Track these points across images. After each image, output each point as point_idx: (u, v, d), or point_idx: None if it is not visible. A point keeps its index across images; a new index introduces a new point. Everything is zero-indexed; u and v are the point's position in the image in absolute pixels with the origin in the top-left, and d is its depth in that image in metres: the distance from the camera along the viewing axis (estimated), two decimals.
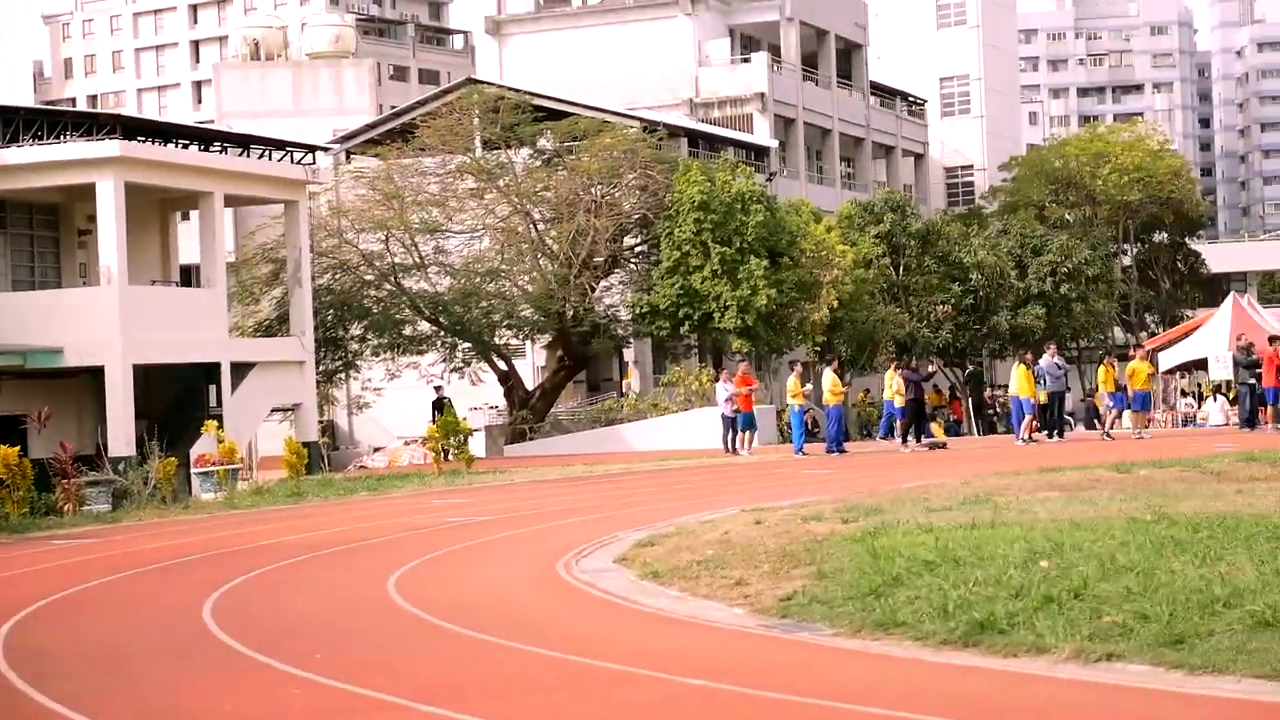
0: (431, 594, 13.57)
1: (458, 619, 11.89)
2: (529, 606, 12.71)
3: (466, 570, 15.42)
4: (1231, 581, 9.99)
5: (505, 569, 15.20)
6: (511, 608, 12.61)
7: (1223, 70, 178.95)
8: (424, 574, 15.22)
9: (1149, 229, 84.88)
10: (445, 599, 13.13)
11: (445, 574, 15.24)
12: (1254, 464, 21.11)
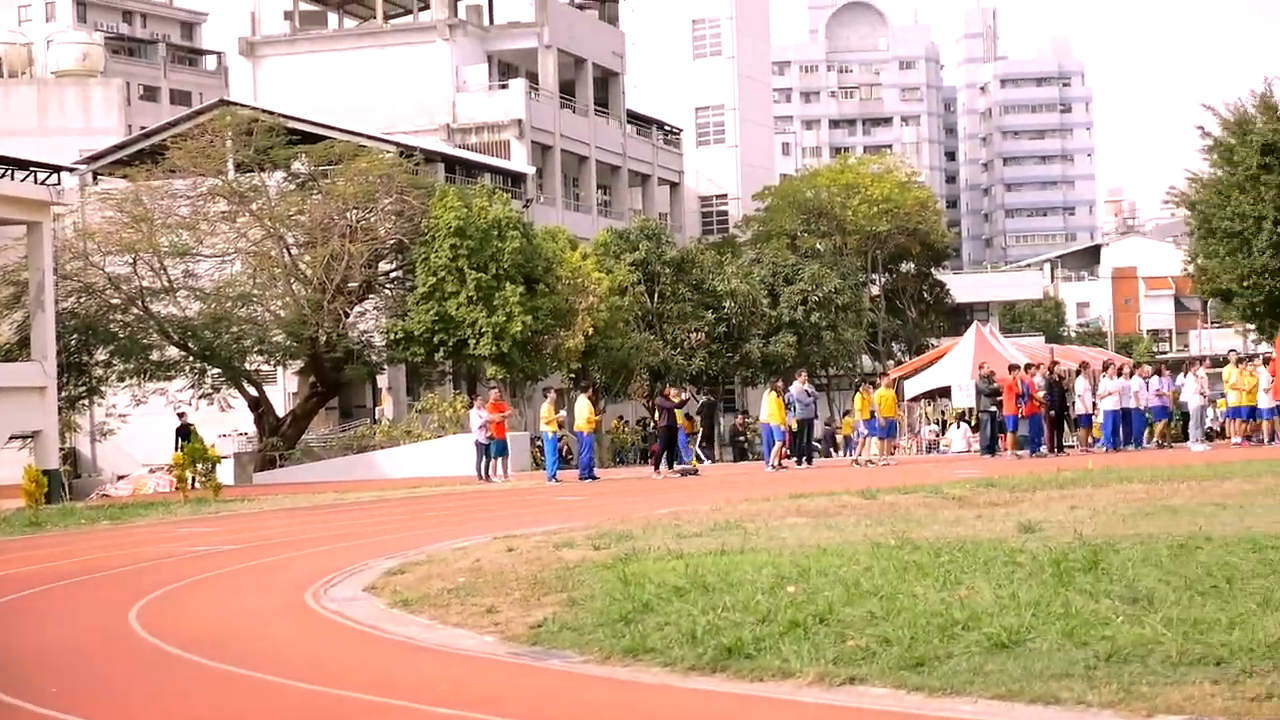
0: (175, 625, 13.26)
1: (202, 650, 11.64)
2: (275, 637, 12.49)
3: (212, 600, 15.11)
4: (970, 605, 10.22)
5: (252, 599, 14.92)
6: (258, 638, 12.37)
7: (968, 105, 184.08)
8: (167, 604, 14.87)
9: (897, 259, 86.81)
10: (189, 630, 12.84)
11: (189, 604, 14.90)
12: (993, 490, 21.68)
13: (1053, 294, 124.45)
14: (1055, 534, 14.30)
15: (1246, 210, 46.91)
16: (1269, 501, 17.28)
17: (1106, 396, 39.72)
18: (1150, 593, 10.29)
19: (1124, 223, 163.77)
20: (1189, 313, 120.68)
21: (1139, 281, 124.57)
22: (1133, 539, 13.45)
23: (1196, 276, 53.55)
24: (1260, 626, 8.85)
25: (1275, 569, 11.11)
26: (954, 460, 40.95)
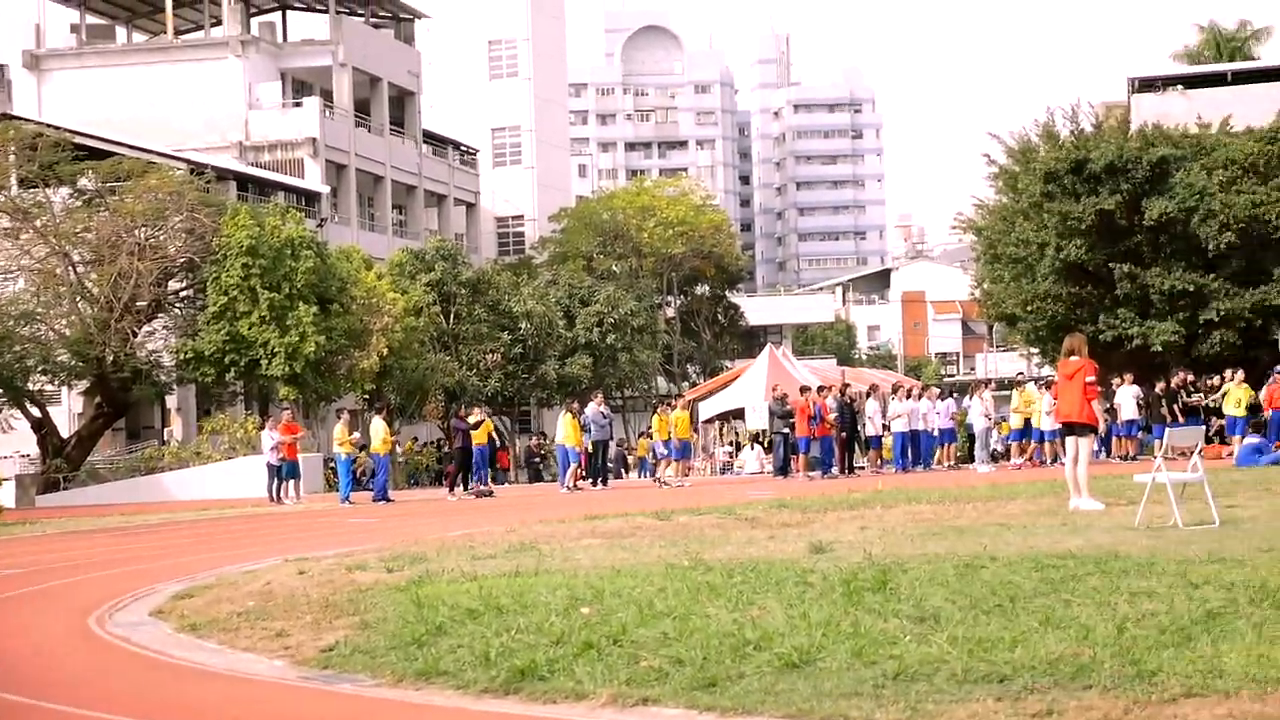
0: None
1: None
2: (59, 663, 12.17)
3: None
4: (762, 625, 10.31)
5: (34, 625, 14.52)
6: (40, 665, 12.05)
7: (762, 130, 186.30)
8: None
9: (692, 281, 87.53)
10: None
11: None
12: (785, 510, 21.91)
13: (844, 317, 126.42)
14: (846, 554, 14.48)
15: (1030, 237, 48.07)
16: (1050, 522, 17.69)
17: (896, 418, 40.47)
18: (937, 612, 10.47)
19: (913, 247, 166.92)
20: (976, 336, 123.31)
21: (928, 305, 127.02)
22: (921, 559, 13.67)
23: (983, 301, 54.72)
24: (1041, 644, 9.04)
25: (1056, 588, 11.37)
26: (747, 481, 41.34)
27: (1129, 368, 42.47)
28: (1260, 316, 45.02)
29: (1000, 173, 51.97)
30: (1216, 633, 9.13)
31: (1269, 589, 10.61)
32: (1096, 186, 46.47)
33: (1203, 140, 50.00)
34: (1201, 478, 16.88)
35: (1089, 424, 19.87)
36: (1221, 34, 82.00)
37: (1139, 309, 46.69)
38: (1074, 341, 20.25)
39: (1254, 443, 31.74)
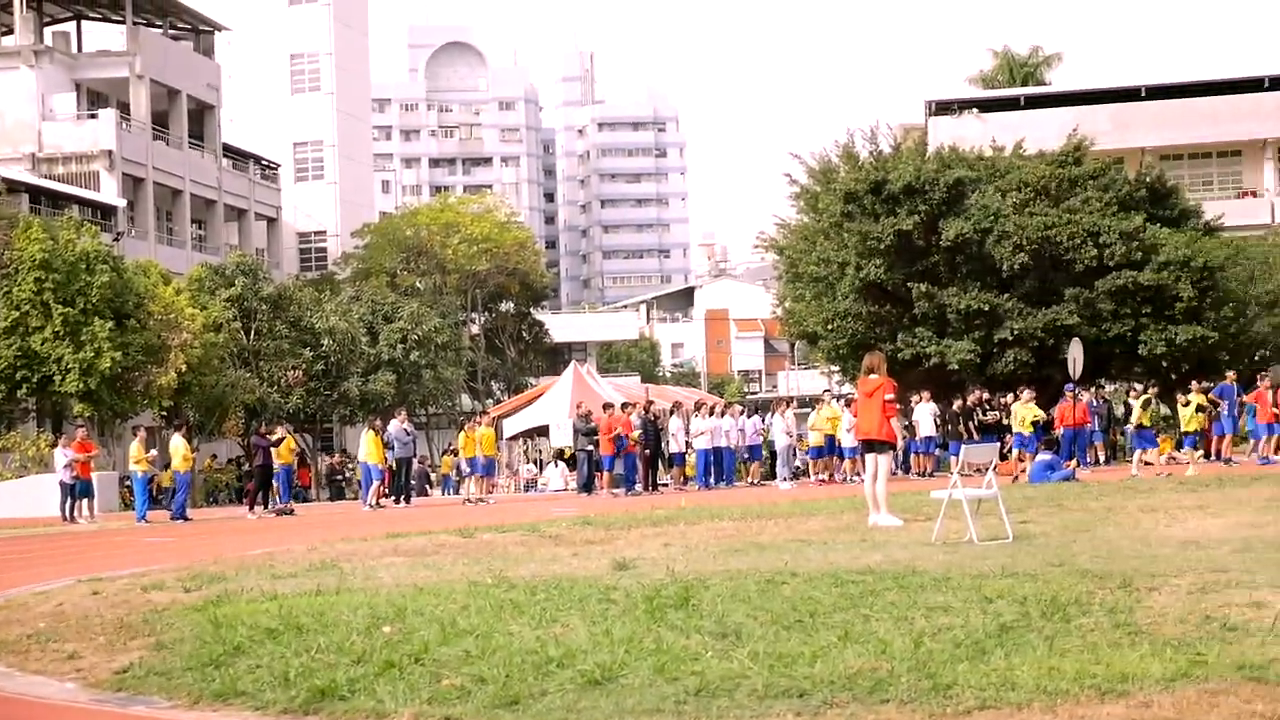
0: None
1: None
2: None
3: None
4: (565, 642, 10.30)
5: None
6: None
7: (566, 147, 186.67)
8: None
9: (496, 298, 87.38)
10: None
11: None
12: (589, 528, 21.93)
13: (648, 334, 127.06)
14: (649, 571, 14.53)
15: (831, 256, 48.70)
16: (850, 538, 17.93)
17: (699, 435, 40.77)
18: (739, 628, 10.54)
19: (717, 266, 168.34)
20: (778, 354, 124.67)
21: (731, 323, 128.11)
22: (723, 575, 13.76)
23: (784, 319, 55.31)
24: (841, 659, 9.15)
25: (856, 603, 11.51)
26: (551, 498, 41.35)
27: (927, 385, 43.26)
28: (1052, 336, 46.07)
29: (802, 192, 52.61)
30: (1009, 646, 9.32)
31: (1060, 603, 10.86)
32: (895, 207, 47.25)
33: (997, 163, 51.11)
34: (996, 494, 17.23)
35: (888, 441, 20.18)
36: (1015, 59, 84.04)
37: (936, 328, 47.54)
38: (873, 360, 20.56)
39: (1046, 459, 32.48)
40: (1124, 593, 11.31)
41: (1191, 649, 8.88)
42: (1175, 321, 46.44)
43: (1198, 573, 12.28)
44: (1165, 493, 23.94)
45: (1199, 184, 68.57)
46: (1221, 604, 10.51)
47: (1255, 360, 50.19)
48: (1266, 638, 9.13)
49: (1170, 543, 15.38)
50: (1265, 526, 16.79)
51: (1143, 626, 9.78)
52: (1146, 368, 48.48)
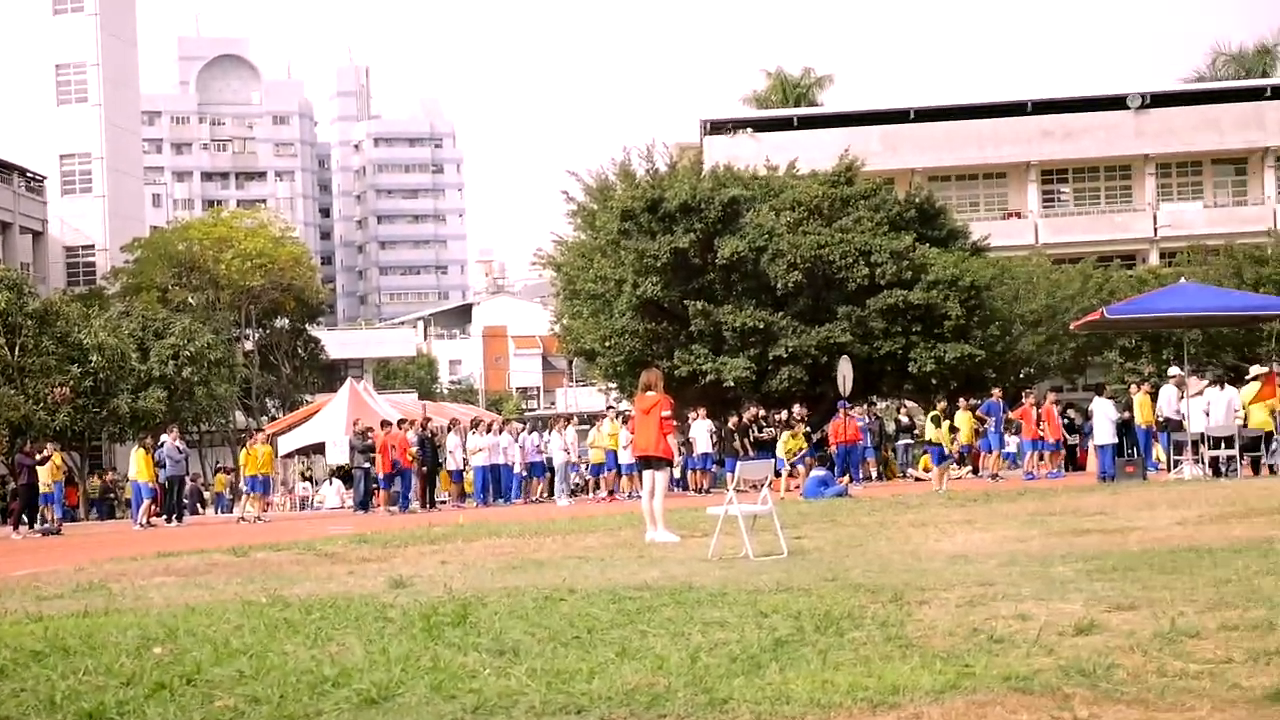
0: None
1: None
2: None
3: None
4: (340, 661, 10.19)
5: None
6: None
7: (342, 162, 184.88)
8: None
9: (271, 314, 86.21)
10: None
11: None
12: (366, 546, 21.74)
13: (426, 351, 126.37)
14: (426, 589, 14.45)
15: (608, 273, 48.93)
16: (628, 554, 18.01)
17: (477, 453, 40.67)
18: (517, 645, 10.53)
19: (495, 283, 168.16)
20: (556, 371, 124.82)
21: (509, 340, 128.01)
22: (501, 592, 13.73)
23: (562, 336, 55.43)
24: (618, 675, 9.18)
25: (633, 619, 11.56)
26: (328, 516, 40.90)
27: (703, 402, 43.65)
28: (825, 353, 46.80)
29: (579, 210, 52.80)
30: (784, 660, 9.43)
31: (833, 617, 11.02)
32: (671, 225, 47.63)
33: (771, 182, 51.84)
34: (770, 510, 17.45)
35: (665, 458, 20.33)
36: (788, 80, 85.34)
37: (712, 345, 48.00)
38: (650, 376, 20.70)
39: (820, 475, 32.97)
40: (895, 606, 11.52)
41: (960, 661, 9.07)
42: (944, 339, 47.50)
43: (966, 586, 12.56)
44: (935, 508, 24.46)
45: (966, 205, 70.35)
46: (988, 617, 10.76)
47: (1020, 378, 51.59)
48: (1031, 649, 9.37)
49: (939, 557, 15.72)
50: (1030, 541, 17.24)
51: (913, 639, 9.97)
52: (916, 385, 49.53)
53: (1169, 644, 9.28)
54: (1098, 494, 26.32)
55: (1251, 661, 8.64)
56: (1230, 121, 70.95)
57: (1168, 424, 35.06)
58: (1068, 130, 71.26)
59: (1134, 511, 20.81)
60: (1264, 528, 16.98)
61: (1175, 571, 13.03)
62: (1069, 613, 10.72)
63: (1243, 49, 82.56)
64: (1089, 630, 9.92)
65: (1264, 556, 13.73)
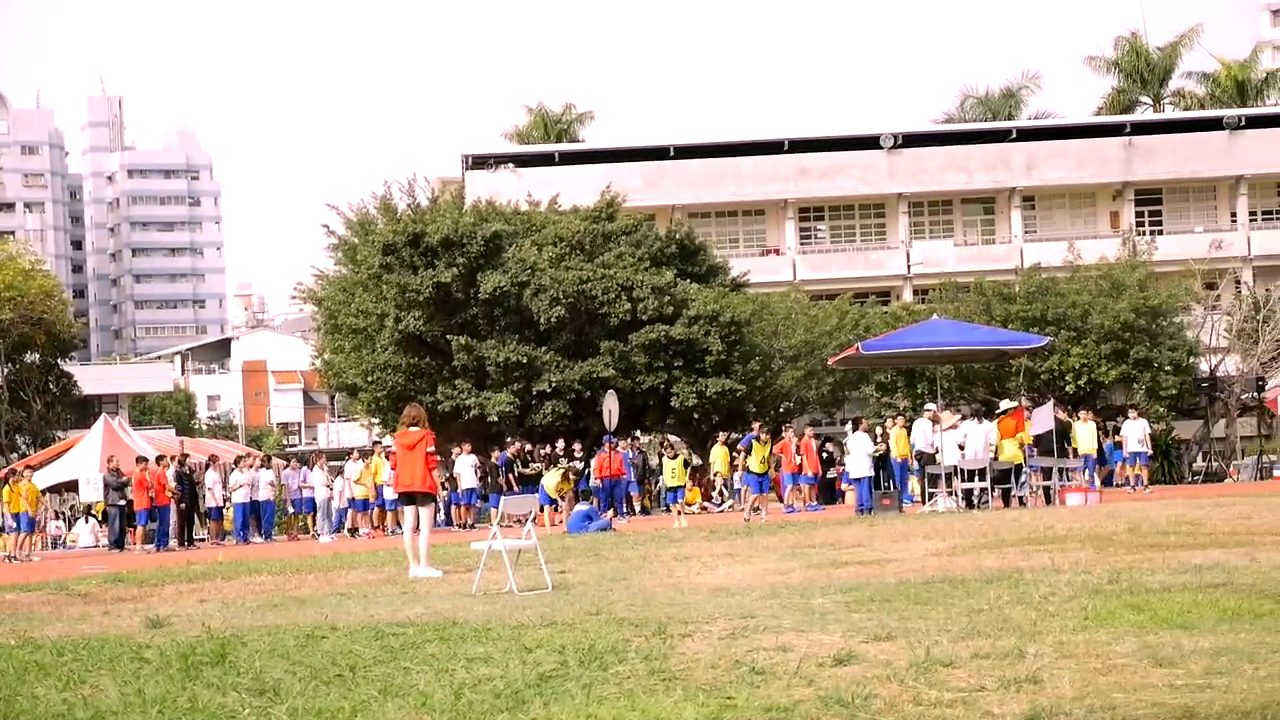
0: None
1: None
2: None
3: None
4: (94, 704, 9.95)
5: None
6: None
7: (94, 194, 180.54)
8: None
9: (21, 349, 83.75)
10: None
11: None
12: (121, 585, 21.26)
13: (184, 386, 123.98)
14: (184, 628, 14.18)
15: (369, 308, 48.57)
16: (391, 590, 17.88)
17: (237, 489, 40.03)
18: (277, 684, 10.38)
19: (254, 317, 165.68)
20: (318, 406, 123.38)
21: (269, 375, 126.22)
22: (261, 631, 13.53)
23: (324, 371, 54.84)
24: (381, 713, 9.12)
25: (396, 656, 11.48)
26: (81, 555, 39.86)
27: (467, 437, 43.53)
28: (589, 388, 46.99)
29: (340, 244, 52.33)
30: (548, 694, 9.44)
31: (597, 651, 11.06)
32: (433, 260, 47.48)
33: (533, 217, 51.99)
34: (535, 545, 17.46)
35: (429, 493, 20.25)
36: (549, 116, 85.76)
37: (476, 380, 47.90)
38: (414, 412, 20.63)
39: (584, 509, 33.08)
40: (659, 640, 11.60)
41: (722, 693, 9.17)
42: (705, 374, 48.02)
43: (728, 619, 12.70)
44: (697, 541, 24.69)
45: (726, 241, 71.22)
46: (750, 649, 10.89)
47: (780, 412, 52.34)
48: (791, 680, 9.51)
49: (702, 590, 15.87)
50: (790, 573, 17.50)
51: (677, 672, 10.05)
52: (679, 419, 49.97)
53: (924, 673, 9.49)
54: (855, 526, 26.81)
55: (1003, 689, 8.88)
56: (978, 162, 72.95)
57: (921, 457, 35.86)
58: (824, 169, 72.59)
59: (890, 543, 21.25)
60: (1014, 558, 17.46)
61: (930, 602, 13.33)
62: (828, 644, 10.90)
63: (989, 92, 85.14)
64: (847, 661, 10.10)
65: (1014, 586, 14.12)
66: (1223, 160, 72.42)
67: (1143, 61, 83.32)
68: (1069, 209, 74.87)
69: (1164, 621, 11.18)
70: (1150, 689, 8.65)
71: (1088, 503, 31.66)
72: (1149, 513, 24.81)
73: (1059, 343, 46.93)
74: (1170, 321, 51.21)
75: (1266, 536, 18.46)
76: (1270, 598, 12.22)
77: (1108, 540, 19.26)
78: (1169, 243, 65.34)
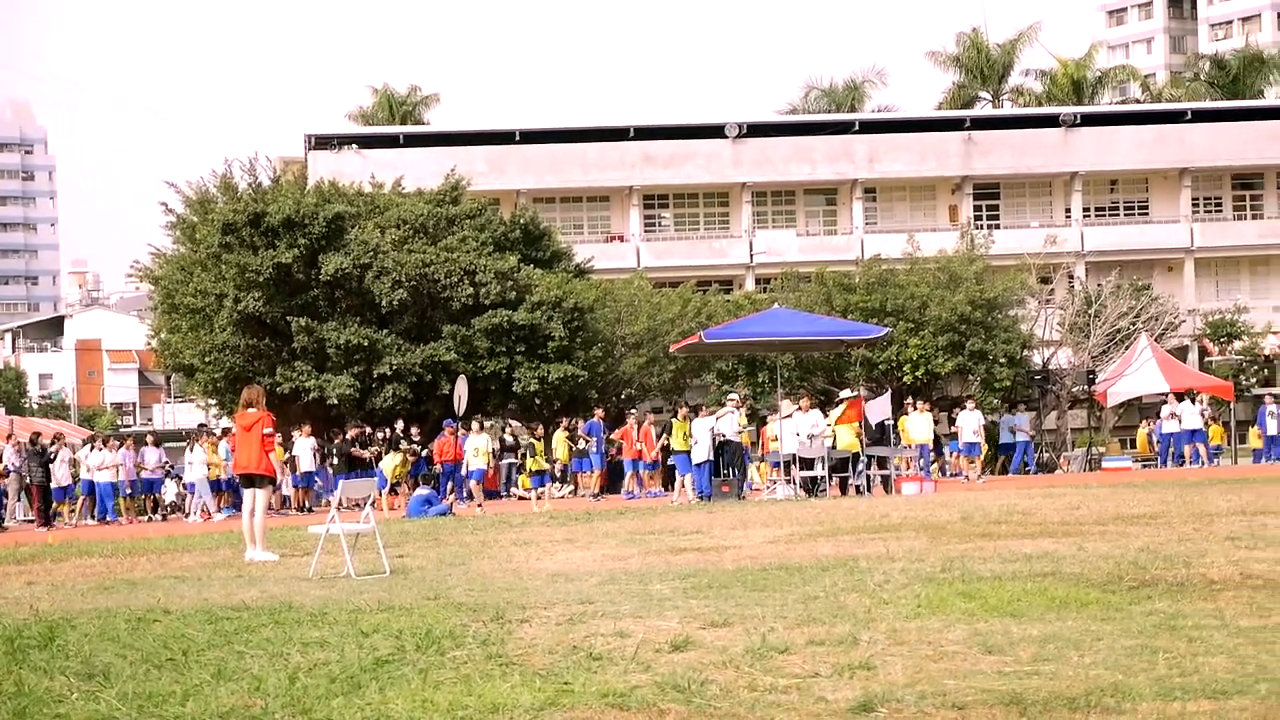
0: None
1: None
2: None
3: None
4: None
5: None
6: None
7: None
8: None
9: None
10: None
11: None
12: None
13: (14, 364, 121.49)
14: (10, 611, 13.91)
15: (208, 288, 47.87)
16: (226, 574, 17.69)
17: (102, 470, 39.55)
18: (107, 667, 10.23)
19: (89, 295, 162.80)
20: (154, 386, 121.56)
21: (104, 354, 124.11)
22: (92, 614, 13.32)
23: (160, 351, 53.97)
24: (214, 697, 9.02)
25: (230, 640, 11.36)
26: None
27: (306, 419, 43.10)
28: (430, 371, 46.72)
29: (178, 222, 51.51)
30: (384, 679, 9.39)
31: (434, 635, 11.03)
32: (274, 240, 46.90)
33: (377, 199, 51.55)
34: (373, 528, 17.36)
35: (267, 475, 20.06)
36: (394, 97, 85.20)
37: (316, 362, 47.41)
38: (252, 393, 20.42)
39: (424, 494, 32.94)
40: (497, 625, 11.60)
41: (559, 678, 9.19)
42: (548, 360, 47.97)
43: (566, 604, 12.73)
44: (537, 526, 24.70)
45: (570, 227, 71.26)
46: (588, 634, 10.92)
47: (622, 398, 52.47)
48: (629, 666, 9.55)
49: (541, 575, 15.89)
50: (629, 559, 17.56)
51: (514, 657, 10.05)
52: (521, 405, 49.89)
53: (760, 659, 9.58)
54: (695, 513, 26.97)
55: (837, 675, 8.99)
56: (821, 153, 73.68)
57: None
58: (669, 157, 72.87)
59: (729, 530, 21.41)
60: (850, 546, 17.67)
61: (767, 589, 13.45)
62: (665, 630, 10.96)
63: (834, 84, 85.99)
64: (684, 647, 10.16)
65: (850, 574, 14.30)
66: (1058, 157, 73.88)
67: (983, 58, 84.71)
68: (909, 201, 75.90)
69: (994, 609, 11.38)
70: (980, 675, 8.79)
71: (923, 492, 32.17)
72: (982, 502, 25.26)
73: (897, 334, 47.51)
74: (1005, 314, 52.04)
75: (1094, 526, 18.85)
76: (1096, 586, 12.49)
77: (941, 529, 19.56)
78: (1006, 237, 66.42)
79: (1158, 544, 15.95)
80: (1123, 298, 55.56)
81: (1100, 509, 21.95)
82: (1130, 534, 17.46)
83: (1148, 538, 16.78)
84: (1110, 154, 74.02)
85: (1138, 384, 49.76)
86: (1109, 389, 50.16)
